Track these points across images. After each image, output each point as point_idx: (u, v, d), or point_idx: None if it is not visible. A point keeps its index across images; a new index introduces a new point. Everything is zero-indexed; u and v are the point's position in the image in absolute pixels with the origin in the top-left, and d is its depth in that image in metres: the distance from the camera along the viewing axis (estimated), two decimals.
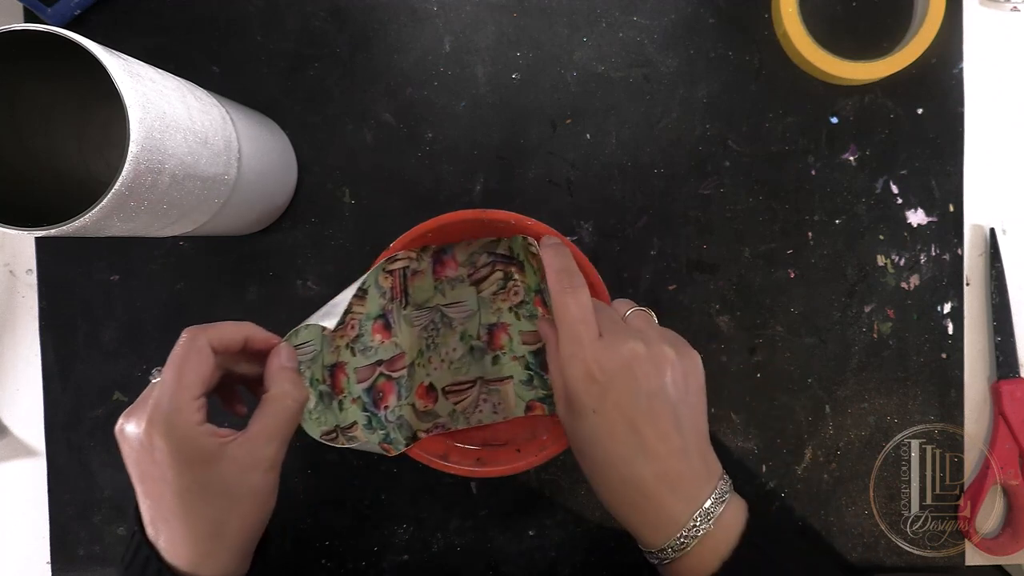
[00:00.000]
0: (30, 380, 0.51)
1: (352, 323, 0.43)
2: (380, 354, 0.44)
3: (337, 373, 0.42)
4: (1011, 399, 0.48)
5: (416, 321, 0.45)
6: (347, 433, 0.42)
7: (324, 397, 0.41)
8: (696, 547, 0.33)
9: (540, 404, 0.45)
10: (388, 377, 0.44)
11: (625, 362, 0.34)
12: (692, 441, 0.35)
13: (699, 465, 0.35)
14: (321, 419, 0.40)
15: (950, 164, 0.49)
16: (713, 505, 0.34)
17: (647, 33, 0.49)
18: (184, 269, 0.50)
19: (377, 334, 0.44)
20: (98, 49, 0.31)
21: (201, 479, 0.32)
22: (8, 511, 0.51)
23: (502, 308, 0.46)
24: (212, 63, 0.49)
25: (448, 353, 0.46)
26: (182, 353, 0.33)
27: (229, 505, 0.33)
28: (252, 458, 0.34)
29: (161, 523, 0.33)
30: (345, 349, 0.43)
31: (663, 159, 0.49)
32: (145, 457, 0.32)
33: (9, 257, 0.51)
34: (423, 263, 0.44)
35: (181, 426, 0.32)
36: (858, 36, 0.48)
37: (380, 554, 0.50)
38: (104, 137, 0.44)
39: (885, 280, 0.49)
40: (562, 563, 0.49)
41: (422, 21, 0.49)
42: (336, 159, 0.49)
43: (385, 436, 0.43)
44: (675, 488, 0.34)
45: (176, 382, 0.33)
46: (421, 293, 0.45)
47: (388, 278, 0.43)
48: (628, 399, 0.34)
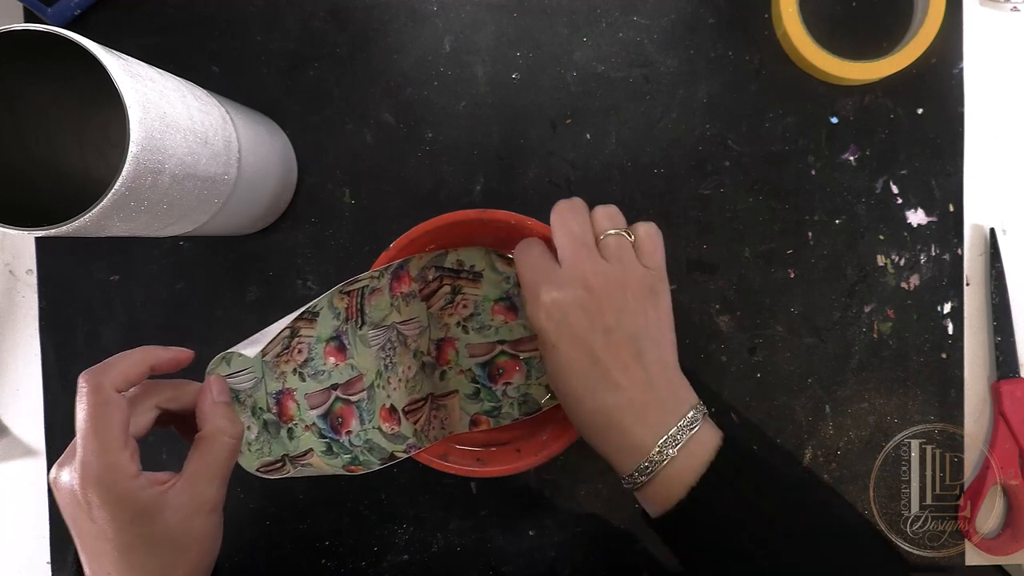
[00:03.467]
0: (30, 380, 0.51)
1: (299, 347, 0.40)
2: (335, 377, 0.41)
3: (284, 400, 0.40)
4: (1011, 399, 0.48)
5: (373, 341, 0.43)
6: (299, 462, 0.40)
7: (269, 426, 0.39)
8: (663, 472, 0.35)
9: (485, 418, 0.45)
10: (346, 401, 0.42)
11: (577, 299, 0.36)
12: (657, 372, 0.36)
13: (666, 395, 0.36)
14: (263, 450, 0.38)
15: (950, 164, 0.49)
16: (678, 432, 0.35)
17: (647, 33, 0.49)
18: (184, 269, 0.50)
19: (331, 356, 0.41)
20: (98, 49, 0.31)
21: (143, 533, 0.31)
22: (8, 511, 0.51)
23: (449, 323, 0.45)
24: (212, 63, 0.49)
25: (404, 372, 0.44)
26: (91, 409, 0.31)
27: (174, 555, 0.32)
28: (194, 503, 0.32)
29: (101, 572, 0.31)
30: (292, 375, 0.40)
31: (663, 159, 0.49)
32: (82, 515, 0.31)
33: (9, 257, 0.51)
34: (382, 281, 0.42)
35: (116, 483, 0.30)
36: (858, 36, 0.48)
37: (380, 554, 0.50)
38: (104, 137, 0.44)
39: (885, 280, 0.49)
40: (562, 563, 0.49)
41: (422, 21, 0.49)
42: (336, 159, 0.49)
43: (352, 459, 0.41)
44: (640, 417, 0.35)
45: (96, 440, 0.30)
46: (377, 312, 0.42)
47: (344, 299, 0.41)
48: (584, 334, 0.35)
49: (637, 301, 0.37)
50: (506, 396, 0.45)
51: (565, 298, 0.36)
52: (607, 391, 0.35)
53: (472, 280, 0.45)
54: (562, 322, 0.36)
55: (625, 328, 0.36)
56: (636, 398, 0.35)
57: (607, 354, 0.35)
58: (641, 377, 0.36)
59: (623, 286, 0.36)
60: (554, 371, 0.37)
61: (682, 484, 0.35)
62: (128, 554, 0.31)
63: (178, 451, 0.50)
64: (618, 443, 0.36)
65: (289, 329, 0.39)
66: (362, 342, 0.42)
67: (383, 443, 0.42)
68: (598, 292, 0.36)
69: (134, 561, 0.31)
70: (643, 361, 0.36)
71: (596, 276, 0.36)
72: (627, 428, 0.35)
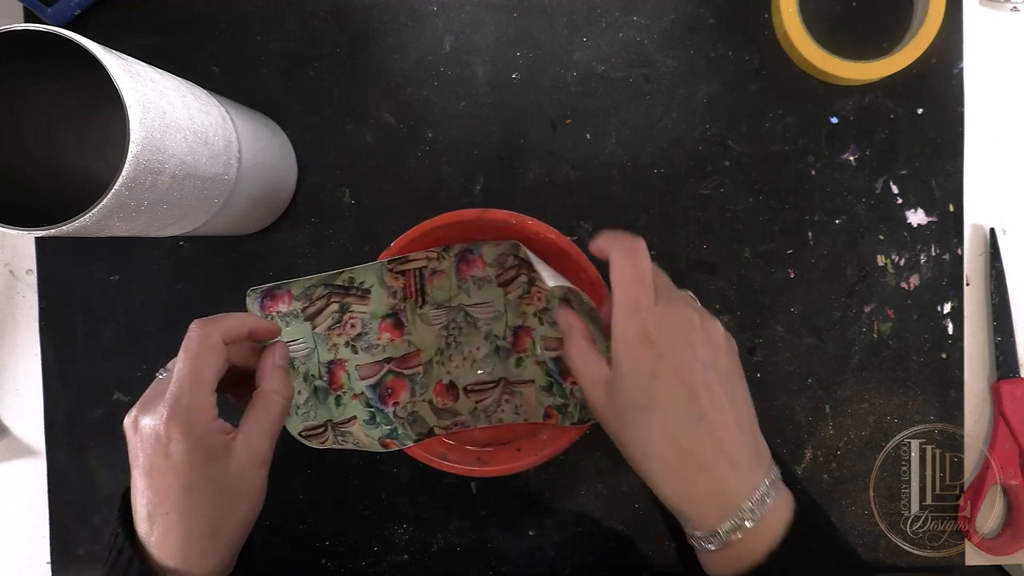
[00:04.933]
0: (30, 380, 0.51)
1: (351, 321, 0.43)
2: (389, 351, 0.45)
3: (336, 369, 0.43)
4: (1011, 399, 0.48)
5: (435, 320, 0.46)
6: (340, 428, 0.43)
7: (319, 392, 0.42)
8: (748, 532, 0.32)
9: (556, 412, 0.45)
10: (399, 374, 0.45)
11: (683, 328, 0.34)
12: (745, 416, 0.34)
13: (752, 442, 0.34)
14: (309, 414, 0.41)
15: (950, 164, 0.49)
16: (768, 488, 0.33)
17: (647, 33, 0.49)
18: (184, 269, 0.50)
19: (386, 332, 0.44)
20: (98, 49, 0.31)
21: (210, 474, 0.33)
22: (8, 511, 0.51)
23: (527, 312, 0.46)
24: (212, 63, 0.49)
25: (472, 352, 0.46)
26: (196, 349, 0.34)
27: (229, 502, 0.34)
28: (250, 455, 0.34)
29: (160, 517, 0.33)
30: (344, 347, 0.43)
31: (663, 159, 0.49)
32: (158, 451, 0.33)
33: (9, 257, 0.51)
34: (444, 263, 0.45)
35: (199, 422, 0.33)
36: (858, 36, 0.48)
37: (380, 554, 0.50)
38: (104, 137, 0.44)
39: (885, 280, 0.49)
40: (562, 563, 0.49)
41: (422, 21, 0.49)
42: (336, 159, 0.49)
43: (391, 432, 0.44)
44: (733, 462, 0.33)
45: (194, 378, 0.33)
46: (441, 292, 0.45)
47: (399, 278, 0.44)
48: (685, 365, 0.33)
49: (728, 346, 0.35)
50: (572, 396, 0.44)
51: (671, 325, 0.34)
52: (704, 429, 0.33)
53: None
54: (666, 350, 0.33)
55: (721, 366, 0.34)
56: (729, 438, 0.33)
57: (704, 389, 0.33)
58: (733, 419, 0.33)
59: (715, 329, 0.35)
60: (643, 403, 0.33)
61: (763, 546, 0.32)
62: (191, 493, 0.33)
63: None
64: (707, 490, 0.33)
65: (339, 304, 0.42)
66: (422, 320, 0.45)
67: (428, 417, 0.45)
68: (697, 327, 0.34)
69: (195, 500, 0.33)
70: (735, 402, 0.34)
71: (694, 311, 0.35)
72: (721, 474, 0.32)
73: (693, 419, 0.33)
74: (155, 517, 0.33)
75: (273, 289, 0.41)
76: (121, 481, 0.50)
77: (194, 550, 0.33)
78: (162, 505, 0.33)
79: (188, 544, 0.33)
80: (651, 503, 0.49)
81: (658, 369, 0.33)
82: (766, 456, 0.34)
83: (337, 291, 0.43)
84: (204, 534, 0.33)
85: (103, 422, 0.50)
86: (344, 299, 0.43)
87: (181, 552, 0.33)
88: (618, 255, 0.35)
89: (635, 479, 0.49)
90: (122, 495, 0.35)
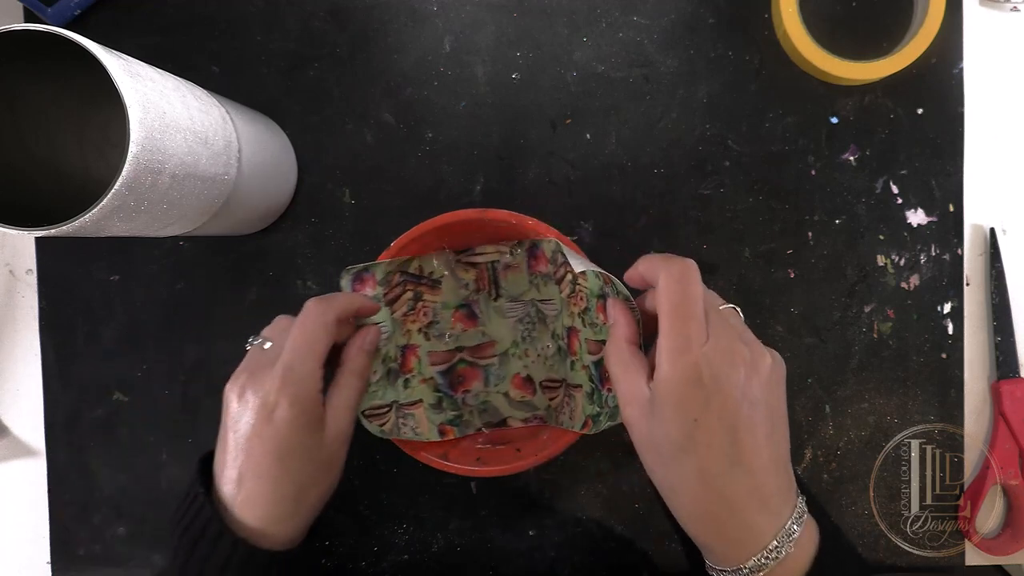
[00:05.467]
0: (30, 380, 0.51)
1: (424, 310, 0.45)
2: (462, 341, 0.46)
3: (408, 354, 0.45)
4: (1011, 399, 0.48)
5: (509, 313, 0.46)
6: (404, 411, 0.44)
7: (391, 374, 0.44)
8: (774, 567, 0.31)
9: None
10: (472, 363, 0.46)
11: (733, 364, 0.31)
12: (782, 453, 0.33)
13: (784, 478, 0.33)
14: (378, 393, 0.43)
15: (950, 164, 0.49)
16: (793, 523, 0.32)
17: (647, 33, 0.49)
18: (184, 269, 0.50)
19: (459, 322, 0.46)
20: (98, 49, 0.31)
21: (305, 444, 0.35)
22: (8, 511, 0.51)
23: (574, 312, 0.43)
24: (212, 63, 0.49)
25: (543, 349, 0.46)
26: (313, 327, 0.36)
27: (316, 472, 0.36)
28: (338, 429, 0.37)
29: (251, 479, 0.34)
30: (417, 333, 0.45)
31: (663, 159, 0.49)
32: (262, 415, 0.34)
33: (9, 257, 0.51)
34: (518, 257, 0.45)
35: (308, 393, 0.35)
36: (858, 36, 0.48)
37: (380, 554, 0.50)
38: (104, 137, 0.44)
39: (885, 280, 0.49)
40: (562, 563, 0.49)
41: (422, 21, 0.49)
42: (336, 159, 0.49)
43: (455, 418, 0.45)
44: (765, 504, 0.32)
45: (307, 350, 0.35)
46: (515, 286, 0.45)
47: (469, 270, 0.45)
48: (732, 407, 0.31)
49: (773, 375, 0.33)
50: (606, 405, 0.40)
51: (721, 364, 0.31)
52: (740, 472, 0.31)
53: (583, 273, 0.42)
54: (714, 392, 0.31)
55: (767, 403, 0.32)
56: (764, 482, 0.32)
57: (747, 431, 0.31)
58: (770, 459, 0.32)
59: (762, 357, 0.33)
60: (682, 445, 0.31)
61: None
62: (286, 460, 0.34)
63: (178, 451, 0.50)
64: (736, 532, 0.32)
65: (413, 293, 0.44)
66: (497, 312, 0.46)
67: (503, 407, 0.46)
68: (748, 361, 0.32)
69: (288, 467, 0.34)
70: (773, 441, 0.32)
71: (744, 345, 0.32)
72: (751, 516, 0.32)
73: (731, 463, 0.31)
74: (245, 480, 0.34)
75: (362, 271, 0.42)
76: (121, 481, 0.50)
77: (276, 514, 0.35)
78: (255, 468, 0.34)
79: (272, 508, 0.34)
80: (651, 503, 0.49)
81: (704, 414, 0.31)
82: (794, 488, 0.34)
83: (411, 280, 0.44)
84: (290, 499, 0.35)
85: (103, 422, 0.50)
86: (417, 288, 0.44)
87: (264, 516, 0.34)
88: (668, 280, 0.32)
89: (635, 479, 0.49)
90: (200, 460, 0.37)
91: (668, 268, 0.33)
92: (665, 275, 0.33)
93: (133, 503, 0.50)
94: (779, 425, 0.33)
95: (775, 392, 0.33)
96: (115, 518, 0.50)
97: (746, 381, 0.32)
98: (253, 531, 0.34)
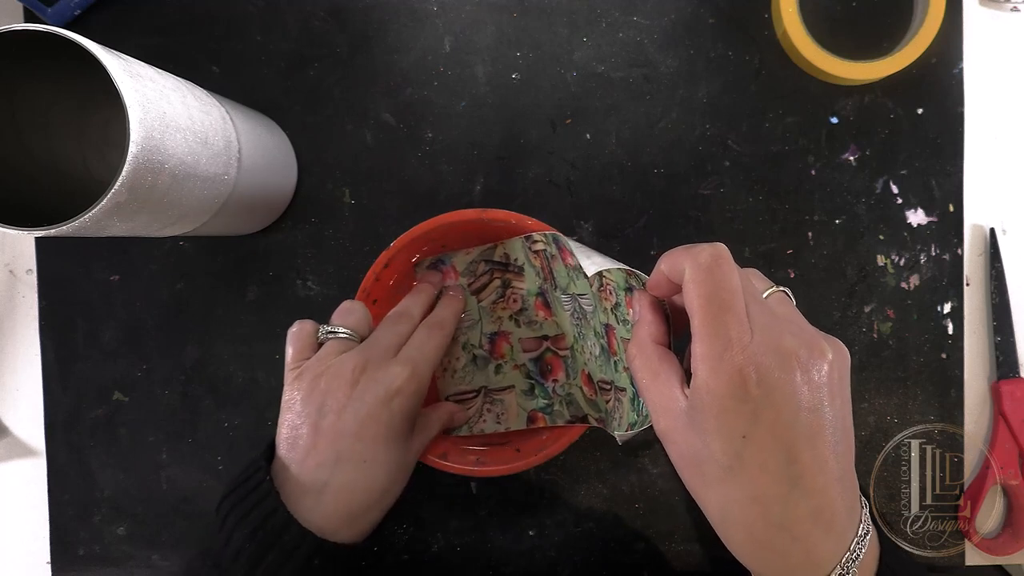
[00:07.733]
0: (30, 380, 0.51)
1: (513, 296, 0.45)
2: (546, 329, 0.46)
3: (499, 340, 0.46)
4: (1011, 399, 0.48)
5: (565, 306, 0.44)
6: (494, 395, 0.45)
7: (478, 360, 0.46)
8: None
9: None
10: (555, 353, 0.46)
11: (786, 367, 0.26)
12: (847, 466, 0.28)
13: (851, 496, 0.28)
14: (466, 379, 0.45)
15: (950, 164, 0.49)
16: (857, 543, 0.28)
17: (647, 33, 0.49)
18: (184, 269, 0.50)
19: (540, 311, 0.46)
20: (98, 49, 0.31)
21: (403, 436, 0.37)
22: (8, 511, 0.51)
23: (607, 308, 0.39)
24: (212, 63, 0.49)
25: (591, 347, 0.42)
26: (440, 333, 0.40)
27: (396, 475, 0.37)
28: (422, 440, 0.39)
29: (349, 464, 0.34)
30: (508, 320, 0.46)
31: (663, 159, 0.49)
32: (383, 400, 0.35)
33: (9, 257, 0.51)
34: (552, 248, 0.42)
35: (424, 390, 0.37)
36: (858, 36, 0.48)
37: (380, 554, 0.50)
38: (104, 137, 0.44)
39: (885, 280, 0.49)
40: (562, 563, 0.49)
41: (422, 21, 0.49)
42: (336, 159, 0.49)
43: (547, 406, 0.45)
44: (830, 527, 0.27)
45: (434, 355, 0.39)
46: (562, 278, 0.43)
47: (536, 257, 0.44)
48: (787, 419, 0.26)
49: (832, 373, 0.28)
50: (642, 413, 0.36)
51: (771, 366, 0.26)
52: (800, 494, 0.27)
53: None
54: (764, 404, 0.26)
55: (832, 411, 0.27)
56: (828, 502, 0.27)
57: (807, 446, 0.27)
58: (836, 476, 0.27)
59: (820, 352, 0.28)
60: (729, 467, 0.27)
61: None
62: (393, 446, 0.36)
63: (178, 451, 0.50)
64: (797, 561, 0.27)
65: (500, 280, 0.45)
66: (558, 304, 0.45)
67: (582, 403, 0.45)
68: (804, 361, 0.27)
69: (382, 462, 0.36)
70: (838, 453, 0.27)
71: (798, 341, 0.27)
72: (814, 543, 0.27)
73: (790, 485, 0.27)
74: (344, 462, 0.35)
75: (437, 263, 0.43)
76: (121, 481, 0.50)
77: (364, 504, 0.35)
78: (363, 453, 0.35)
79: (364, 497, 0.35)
80: (651, 503, 0.49)
81: (753, 429, 0.26)
82: (859, 501, 0.29)
83: (498, 267, 0.44)
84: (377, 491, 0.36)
85: (103, 422, 0.50)
86: (505, 275, 0.45)
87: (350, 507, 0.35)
88: (696, 271, 0.27)
89: (635, 479, 0.49)
90: (268, 445, 0.36)
91: (695, 257, 0.28)
92: (692, 265, 0.28)
93: (133, 503, 0.50)
94: (844, 434, 0.28)
95: (838, 393, 0.28)
96: (115, 518, 0.50)
97: (802, 385, 0.27)
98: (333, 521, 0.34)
